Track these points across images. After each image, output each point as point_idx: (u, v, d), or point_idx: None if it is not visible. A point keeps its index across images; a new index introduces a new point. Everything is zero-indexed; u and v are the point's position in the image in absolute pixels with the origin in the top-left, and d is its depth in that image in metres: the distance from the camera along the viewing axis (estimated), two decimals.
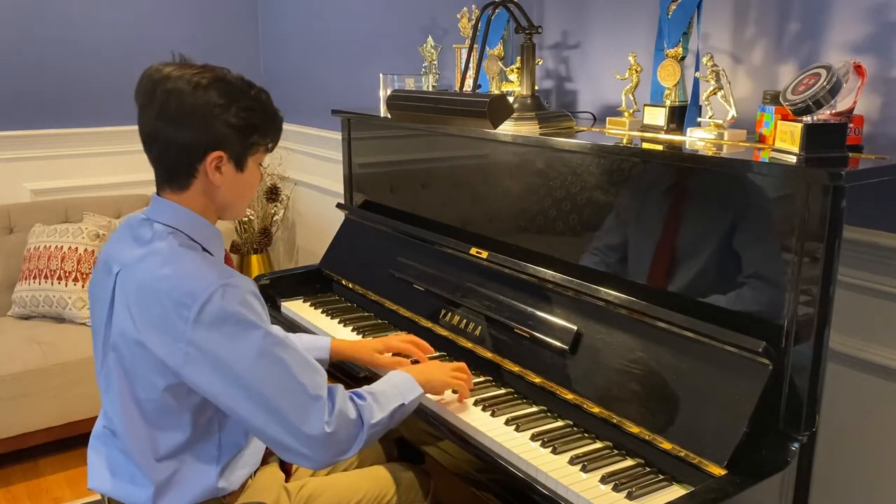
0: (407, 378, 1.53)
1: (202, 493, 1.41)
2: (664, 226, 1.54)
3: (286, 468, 1.68)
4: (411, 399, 1.49)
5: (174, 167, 1.37)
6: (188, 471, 1.40)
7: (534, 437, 1.51)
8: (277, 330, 1.43)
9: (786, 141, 1.38)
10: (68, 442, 2.87)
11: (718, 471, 1.29)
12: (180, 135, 1.33)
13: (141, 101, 1.36)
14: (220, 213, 1.45)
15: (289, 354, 1.34)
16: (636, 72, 1.79)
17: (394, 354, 1.81)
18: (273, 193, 3.81)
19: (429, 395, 1.64)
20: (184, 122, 1.32)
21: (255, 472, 1.57)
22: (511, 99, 1.93)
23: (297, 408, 1.31)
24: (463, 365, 1.70)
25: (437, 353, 1.89)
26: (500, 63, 2.10)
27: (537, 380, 1.65)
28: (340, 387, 1.40)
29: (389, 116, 1.90)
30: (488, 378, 1.77)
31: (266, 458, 1.62)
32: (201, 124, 1.33)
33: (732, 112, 1.59)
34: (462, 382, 1.65)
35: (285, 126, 1.52)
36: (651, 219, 1.57)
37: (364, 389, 1.46)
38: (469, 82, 1.83)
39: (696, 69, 1.65)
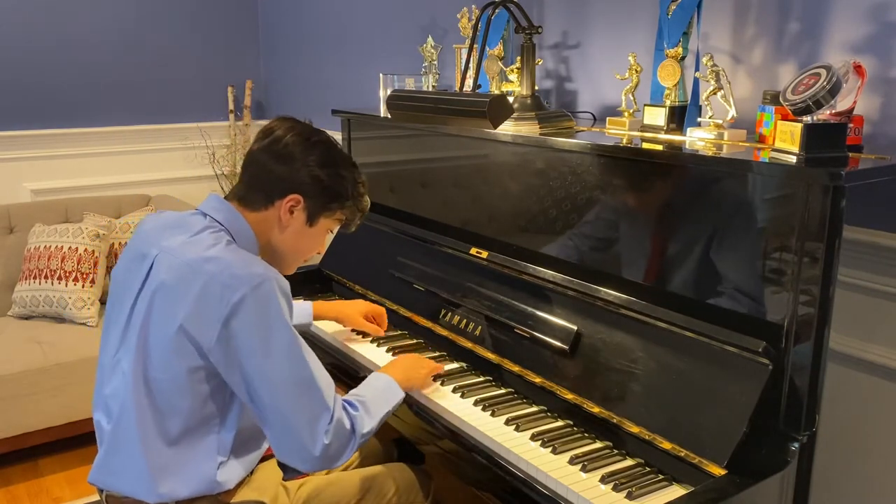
0: (390, 382, 1.59)
1: (199, 486, 1.41)
2: (663, 226, 1.54)
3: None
4: (395, 404, 1.57)
5: (257, 191, 1.48)
6: (188, 461, 1.41)
7: (534, 437, 1.51)
8: None
9: (786, 141, 1.38)
10: (68, 442, 2.87)
11: (718, 471, 1.29)
12: (274, 168, 1.46)
13: (259, 135, 1.51)
14: (267, 253, 1.51)
15: (312, 359, 1.40)
16: (636, 72, 1.79)
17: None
18: None
19: (429, 395, 1.68)
20: (280, 160, 1.46)
21: (254, 470, 1.57)
22: (511, 99, 1.93)
23: (308, 413, 1.37)
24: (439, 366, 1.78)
25: (437, 354, 1.90)
26: (500, 63, 2.10)
27: (537, 380, 1.65)
28: (338, 397, 1.44)
29: (389, 116, 1.90)
30: (488, 378, 1.77)
31: (265, 455, 1.62)
32: (295, 167, 1.46)
33: (732, 112, 1.59)
34: (438, 369, 1.76)
35: None
36: (650, 219, 1.57)
37: (355, 397, 1.51)
38: (469, 82, 1.83)
39: (696, 69, 1.65)
